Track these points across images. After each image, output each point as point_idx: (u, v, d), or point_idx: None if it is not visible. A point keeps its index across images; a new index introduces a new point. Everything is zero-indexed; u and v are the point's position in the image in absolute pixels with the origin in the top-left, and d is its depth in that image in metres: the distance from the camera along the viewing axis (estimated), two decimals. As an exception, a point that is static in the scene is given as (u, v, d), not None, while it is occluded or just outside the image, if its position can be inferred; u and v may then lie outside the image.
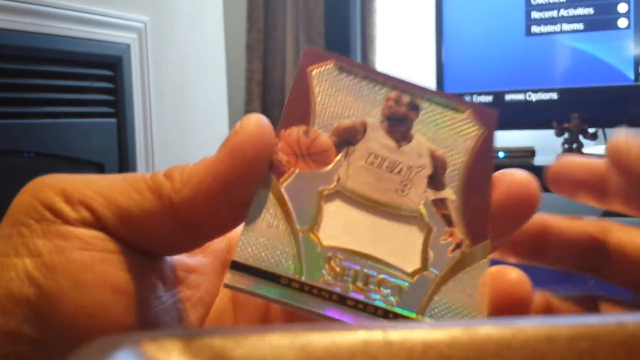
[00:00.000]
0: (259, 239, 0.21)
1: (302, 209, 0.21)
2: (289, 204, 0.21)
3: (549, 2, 1.81)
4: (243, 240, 0.21)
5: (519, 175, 0.21)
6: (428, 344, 0.13)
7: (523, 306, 0.20)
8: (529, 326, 0.14)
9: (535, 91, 1.85)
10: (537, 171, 0.24)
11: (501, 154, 1.77)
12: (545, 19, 1.82)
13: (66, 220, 0.20)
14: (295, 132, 0.22)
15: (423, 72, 2.50)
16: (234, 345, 0.13)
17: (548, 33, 1.82)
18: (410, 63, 2.59)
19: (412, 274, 0.21)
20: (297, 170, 0.22)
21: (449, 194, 0.22)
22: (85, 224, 0.20)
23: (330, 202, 0.22)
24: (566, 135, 1.72)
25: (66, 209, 0.20)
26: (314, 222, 0.21)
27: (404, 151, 0.22)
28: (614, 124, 1.82)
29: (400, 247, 0.21)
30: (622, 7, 1.74)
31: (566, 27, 1.80)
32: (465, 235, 0.22)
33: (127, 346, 0.13)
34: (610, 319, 0.14)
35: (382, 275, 0.21)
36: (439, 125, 0.23)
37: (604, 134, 1.94)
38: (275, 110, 2.75)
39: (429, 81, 2.16)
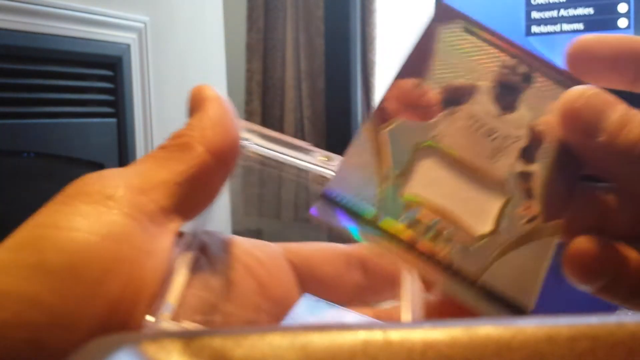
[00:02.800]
0: (353, 174, 0.22)
1: (398, 156, 0.22)
2: (389, 148, 0.22)
3: (549, 2, 1.81)
4: (338, 173, 0.22)
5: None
6: (428, 343, 0.13)
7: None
8: (529, 326, 0.14)
9: (535, 91, 1.84)
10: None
11: (501, 154, 1.77)
12: (545, 19, 1.82)
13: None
14: (408, 83, 0.23)
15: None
16: (234, 345, 0.13)
17: (548, 33, 1.82)
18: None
19: (481, 237, 0.22)
20: (400, 120, 0.23)
21: (537, 168, 0.22)
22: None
23: (424, 159, 0.22)
24: (566, 135, 1.72)
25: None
26: (405, 171, 0.22)
27: (504, 120, 0.23)
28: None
29: (477, 209, 0.22)
30: (622, 7, 1.74)
31: (566, 27, 1.80)
32: (540, 211, 0.22)
33: (127, 346, 0.13)
34: (610, 319, 0.14)
35: (452, 231, 0.22)
36: (547, 100, 0.23)
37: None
38: (275, 110, 2.75)
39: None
